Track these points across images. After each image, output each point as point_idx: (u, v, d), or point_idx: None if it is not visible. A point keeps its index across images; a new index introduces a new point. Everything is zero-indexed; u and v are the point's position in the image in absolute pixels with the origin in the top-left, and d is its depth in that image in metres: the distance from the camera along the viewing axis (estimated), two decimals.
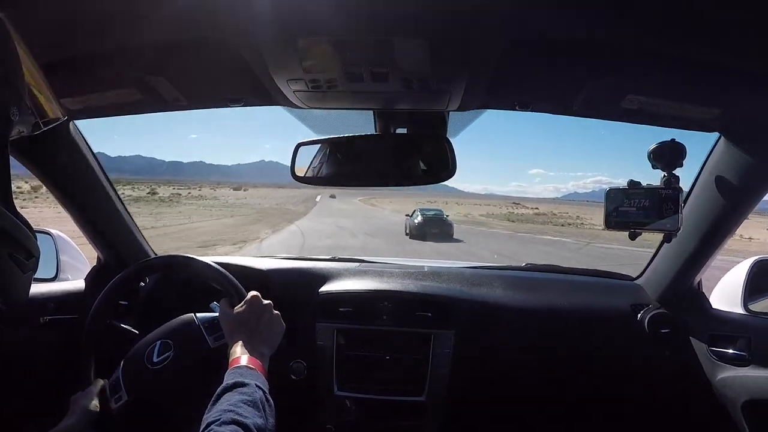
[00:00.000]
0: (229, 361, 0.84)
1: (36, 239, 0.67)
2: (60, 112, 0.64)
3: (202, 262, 1.13)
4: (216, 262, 1.13)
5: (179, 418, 1.01)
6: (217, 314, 1.01)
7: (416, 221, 17.40)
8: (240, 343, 0.87)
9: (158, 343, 1.03)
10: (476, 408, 1.41)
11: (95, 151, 1.31)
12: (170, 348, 1.02)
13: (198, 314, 1.05)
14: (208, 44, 0.78)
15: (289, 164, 1.14)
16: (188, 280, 1.34)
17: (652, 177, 1.06)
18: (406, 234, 17.39)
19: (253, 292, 1.00)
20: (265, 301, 0.96)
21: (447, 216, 19.03)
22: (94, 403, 0.98)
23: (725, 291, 1.34)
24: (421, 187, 1.11)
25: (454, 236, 17.25)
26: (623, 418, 1.44)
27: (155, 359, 1.01)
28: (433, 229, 16.85)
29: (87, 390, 1.01)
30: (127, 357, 1.05)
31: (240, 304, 0.96)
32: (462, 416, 1.37)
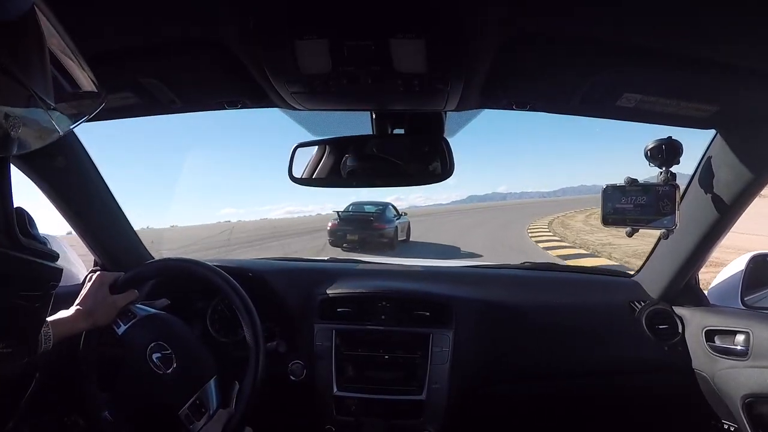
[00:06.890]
0: None
1: (56, 257, 0.61)
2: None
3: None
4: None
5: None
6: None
7: (333, 221, 10.62)
8: None
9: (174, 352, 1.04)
10: (476, 406, 1.41)
11: None
12: (171, 362, 1.03)
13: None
14: (205, 46, 0.77)
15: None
16: (184, 284, 1.33)
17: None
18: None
19: None
20: None
21: (379, 214, 10.52)
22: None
23: (722, 286, 1.35)
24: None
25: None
26: (623, 414, 1.44)
27: (155, 360, 1.02)
28: (352, 234, 9.87)
29: (127, 294, 1.08)
30: (155, 319, 1.07)
31: None
32: (462, 414, 1.37)
